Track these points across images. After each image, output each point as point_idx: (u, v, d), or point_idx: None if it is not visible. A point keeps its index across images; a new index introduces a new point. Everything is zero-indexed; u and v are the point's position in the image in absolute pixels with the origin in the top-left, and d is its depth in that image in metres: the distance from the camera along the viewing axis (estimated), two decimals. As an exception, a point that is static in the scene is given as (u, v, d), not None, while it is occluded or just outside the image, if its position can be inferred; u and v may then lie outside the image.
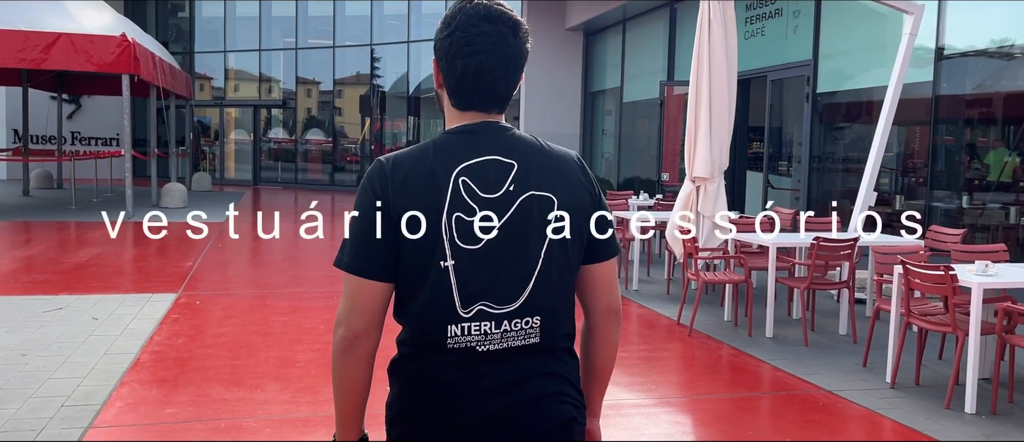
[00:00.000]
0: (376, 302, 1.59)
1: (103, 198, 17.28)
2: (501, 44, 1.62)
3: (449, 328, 1.58)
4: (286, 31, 24.20)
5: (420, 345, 1.62)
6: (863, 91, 9.98)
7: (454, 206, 1.57)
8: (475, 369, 1.60)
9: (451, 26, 1.63)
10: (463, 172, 1.59)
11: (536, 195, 1.61)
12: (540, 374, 1.64)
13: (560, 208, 1.63)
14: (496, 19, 1.62)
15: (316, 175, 24.37)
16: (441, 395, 1.60)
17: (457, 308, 1.58)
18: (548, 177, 1.63)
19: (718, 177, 7.31)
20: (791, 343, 6.15)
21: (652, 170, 16.45)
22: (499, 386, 1.60)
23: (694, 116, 7.29)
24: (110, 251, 9.98)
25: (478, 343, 1.59)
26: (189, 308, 6.88)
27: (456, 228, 1.57)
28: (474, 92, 1.64)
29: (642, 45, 16.16)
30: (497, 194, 1.59)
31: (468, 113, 1.66)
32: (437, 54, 1.66)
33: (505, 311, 1.60)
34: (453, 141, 1.63)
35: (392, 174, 1.59)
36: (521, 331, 1.61)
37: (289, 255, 10.41)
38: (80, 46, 13.16)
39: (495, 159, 1.61)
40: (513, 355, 1.62)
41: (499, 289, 1.59)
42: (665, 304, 7.55)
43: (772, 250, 6.27)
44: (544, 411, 1.62)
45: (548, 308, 1.63)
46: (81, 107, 24.46)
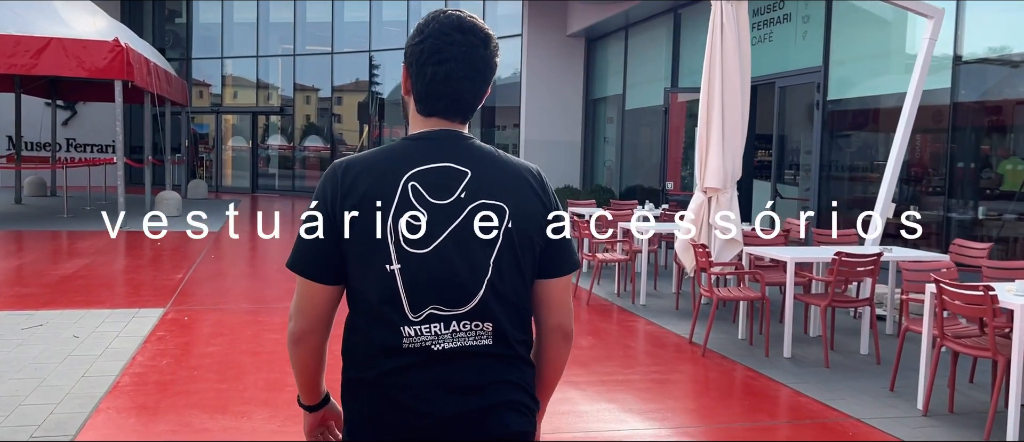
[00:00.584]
0: (321, 302, 1.64)
1: (96, 206, 16.95)
2: (471, 54, 1.65)
3: (403, 329, 1.59)
4: (284, 37, 23.91)
5: (372, 349, 1.62)
6: (875, 98, 9.67)
7: (401, 210, 1.58)
8: (432, 369, 1.60)
9: (424, 33, 1.66)
10: (413, 177, 1.61)
11: (487, 203, 1.63)
12: (499, 382, 1.64)
13: (511, 218, 1.64)
14: (468, 30, 1.65)
15: (314, 182, 24.07)
16: (396, 395, 1.60)
17: (406, 311, 1.59)
18: (501, 187, 1.65)
19: (731, 187, 7.00)
20: (811, 364, 5.82)
21: (655, 178, 16.14)
22: (457, 386, 1.61)
23: (706, 123, 6.98)
24: (99, 262, 9.65)
25: (432, 343, 1.60)
26: (176, 324, 6.55)
27: (404, 231, 1.58)
28: (440, 98, 1.66)
29: (645, 51, 15.86)
30: (447, 200, 1.61)
31: (431, 119, 1.69)
32: (407, 60, 1.69)
33: (455, 313, 1.60)
34: (409, 147, 1.66)
35: (342, 177, 1.61)
36: (471, 332, 1.62)
37: (281, 267, 10.07)
38: (72, 51, 12.86)
39: (449, 166, 1.63)
40: (469, 355, 1.62)
41: (448, 294, 1.60)
42: (675, 320, 7.22)
43: (790, 265, 5.95)
44: (502, 419, 1.63)
45: (499, 314, 1.63)
46: (76, 114, 24.15)
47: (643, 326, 7.04)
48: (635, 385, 5.23)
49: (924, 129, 8.71)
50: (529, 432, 1.70)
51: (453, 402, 1.60)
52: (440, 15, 1.67)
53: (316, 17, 23.52)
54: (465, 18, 1.67)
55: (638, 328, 6.96)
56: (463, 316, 1.61)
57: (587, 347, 6.17)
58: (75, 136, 24.26)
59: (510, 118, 19.87)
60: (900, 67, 9.29)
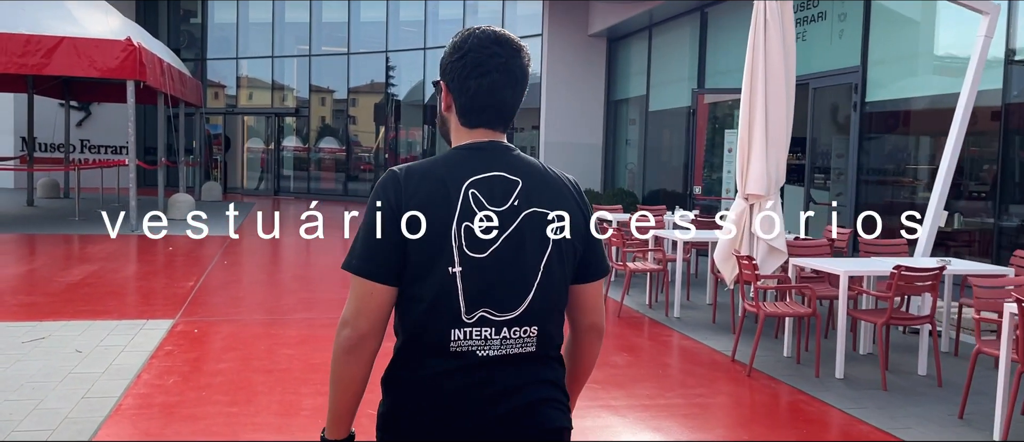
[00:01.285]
0: (383, 305, 1.66)
1: (108, 208, 16.67)
2: (510, 65, 1.73)
3: (452, 332, 1.65)
4: (300, 38, 23.60)
5: (422, 349, 1.67)
6: (917, 100, 9.20)
7: (464, 215, 1.65)
8: (475, 374, 1.66)
9: (463, 49, 1.72)
10: (473, 185, 1.67)
11: (538, 212, 1.71)
12: (536, 381, 1.71)
13: (559, 225, 1.72)
14: (504, 42, 1.73)
15: (330, 185, 23.73)
16: (441, 400, 1.65)
17: (461, 313, 1.65)
18: (549, 196, 1.73)
19: (774, 194, 6.57)
20: (866, 386, 5.38)
21: (678, 182, 15.70)
22: (498, 392, 1.67)
23: (747, 126, 6.55)
24: (107, 268, 9.31)
25: (478, 348, 1.66)
26: (186, 338, 6.19)
27: (465, 237, 1.65)
28: (485, 110, 1.73)
29: (670, 51, 15.42)
30: (503, 208, 1.68)
31: (477, 131, 1.75)
32: (446, 77, 1.75)
33: (506, 318, 1.67)
34: (463, 156, 1.72)
35: (405, 183, 1.67)
36: (519, 339, 1.68)
37: (299, 274, 9.72)
38: (83, 51, 12.56)
39: (501, 175, 1.71)
40: (511, 362, 1.69)
41: (501, 297, 1.66)
42: (712, 335, 6.79)
43: (843, 279, 5.51)
44: (540, 417, 1.70)
45: (545, 318, 1.71)
46: (91, 115, 23.94)
47: (679, 341, 6.61)
48: (678, 410, 4.81)
49: (973, 131, 8.24)
50: (568, 428, 1.77)
51: (494, 404, 1.67)
52: (476, 31, 1.74)
53: (332, 17, 23.20)
54: (499, 32, 1.75)
55: (675, 344, 6.54)
56: (513, 322, 1.68)
57: (623, 365, 5.76)
58: (89, 137, 24.05)
59: (529, 120, 19.47)
60: (944, 67, 8.82)
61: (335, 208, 19.51)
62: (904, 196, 9.57)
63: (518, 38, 1.77)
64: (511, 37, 1.75)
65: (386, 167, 22.87)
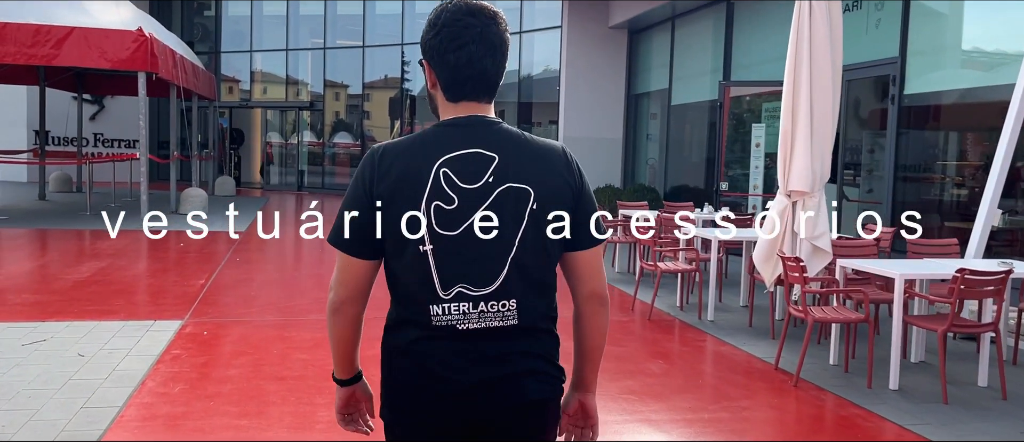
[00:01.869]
0: (358, 276, 1.76)
1: (120, 203, 16.42)
2: (486, 33, 1.74)
3: (432, 307, 1.71)
4: (315, 31, 23.29)
5: (407, 321, 1.76)
6: (961, 92, 8.76)
7: (433, 195, 1.69)
8: (457, 344, 1.72)
9: (437, 25, 1.75)
10: (445, 163, 1.70)
11: (514, 187, 1.72)
12: (519, 353, 1.75)
13: (536, 199, 1.72)
14: (477, 12, 1.74)
15: (345, 180, 23.42)
16: (425, 364, 1.73)
17: (437, 289, 1.70)
18: (528, 170, 1.73)
19: (819, 191, 6.18)
20: (924, 398, 4.98)
21: (702, 178, 15.28)
22: (479, 359, 1.72)
23: (791, 119, 6.16)
24: (116, 265, 9.01)
25: (458, 322, 1.72)
26: (194, 340, 5.86)
27: (435, 216, 1.69)
28: (466, 81, 1.75)
29: (694, 44, 14.99)
30: (477, 185, 1.70)
31: (461, 104, 1.78)
32: (427, 55, 1.78)
33: (482, 293, 1.71)
34: (441, 133, 1.75)
35: (379, 162, 1.72)
36: (498, 313, 1.72)
37: (313, 272, 9.39)
38: (94, 42, 12.27)
39: (478, 152, 1.72)
40: (493, 335, 1.73)
41: (475, 273, 1.70)
42: (751, 340, 6.40)
43: (899, 283, 5.10)
44: (521, 387, 1.74)
45: (523, 292, 1.73)
46: (104, 108, 23.73)
47: (716, 347, 6.23)
48: (723, 424, 4.43)
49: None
50: (549, 399, 1.79)
51: (476, 371, 1.71)
52: (448, 5, 1.74)
53: (347, 10, 22.88)
54: (471, 2, 1.74)
55: (712, 350, 6.15)
56: (490, 296, 1.71)
57: (659, 374, 5.38)
58: (103, 131, 23.84)
59: (547, 114, 19.09)
60: (988, 59, 8.38)
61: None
62: (945, 194, 9.14)
63: (492, 6, 1.77)
64: (484, 5, 1.76)
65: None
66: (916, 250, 6.49)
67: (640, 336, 6.48)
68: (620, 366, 5.51)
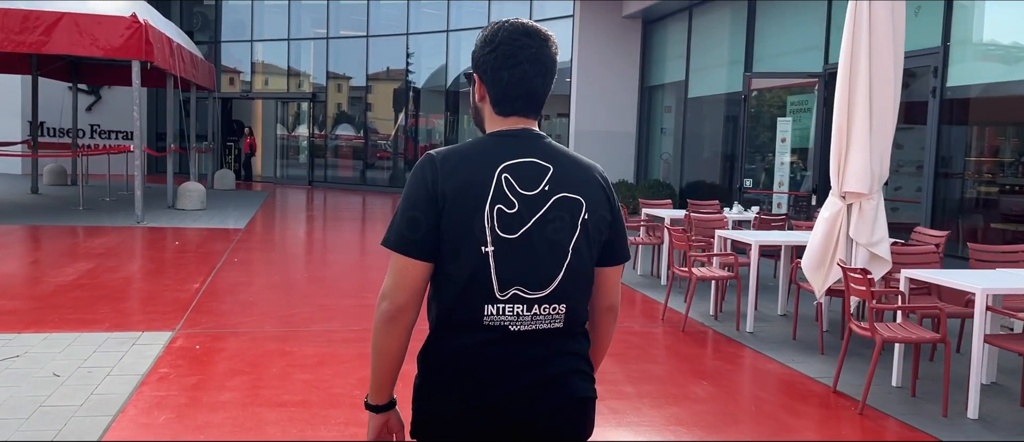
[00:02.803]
0: (418, 279, 1.76)
1: (115, 197, 15.83)
2: (540, 54, 1.81)
3: (486, 307, 1.74)
4: (317, 21, 22.64)
5: (456, 323, 1.76)
6: (1011, 85, 8.14)
7: (496, 198, 1.74)
8: (507, 348, 1.76)
9: (494, 42, 1.80)
10: (506, 169, 1.76)
11: (568, 196, 1.79)
12: (562, 353, 1.81)
13: (587, 210, 1.81)
14: (533, 33, 1.81)
15: (347, 173, 22.81)
16: (474, 371, 1.75)
17: (495, 290, 1.74)
18: (578, 182, 1.82)
19: (877, 192, 5.58)
20: (1009, 428, 4.39)
21: (719, 174, 14.69)
22: (527, 364, 1.77)
23: (846, 113, 5.56)
24: (105, 266, 8.42)
25: (511, 323, 1.75)
26: (185, 356, 5.27)
27: (498, 218, 1.73)
28: (517, 99, 1.82)
29: (713, 34, 14.37)
30: (534, 192, 1.77)
31: (510, 118, 1.84)
32: (479, 69, 1.84)
33: (536, 297, 1.76)
34: (497, 142, 1.81)
35: (442, 165, 1.75)
36: (548, 315, 1.78)
37: (316, 274, 8.80)
38: (85, 28, 11.65)
39: (533, 161, 1.79)
40: (541, 336, 1.79)
41: (532, 276, 1.75)
42: (799, 356, 5.81)
43: (981, 298, 4.51)
44: (566, 387, 1.80)
45: (573, 297, 1.81)
46: (101, 99, 23.12)
47: (763, 365, 5.63)
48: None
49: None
50: (592, 397, 1.87)
51: (525, 375, 1.76)
52: (506, 24, 1.81)
53: None
54: (528, 23, 1.82)
55: (759, 368, 5.55)
56: (543, 299, 1.77)
57: (707, 399, 4.78)
58: (100, 122, 23.25)
59: (556, 106, 18.47)
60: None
61: (351, 198, 18.61)
62: (993, 194, 8.54)
63: (545, 29, 1.83)
64: (539, 28, 1.82)
65: (405, 155, 21.97)
66: (982, 258, 5.89)
67: (677, 351, 5.89)
68: (662, 389, 4.92)
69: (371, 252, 10.61)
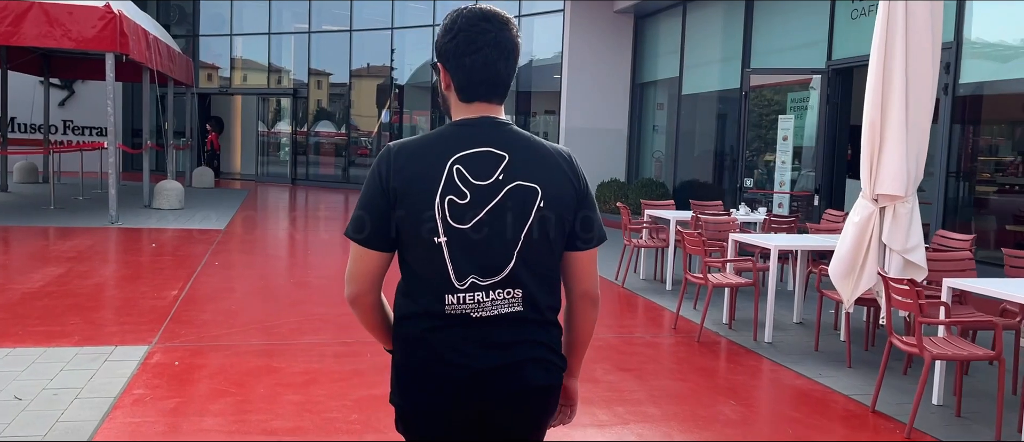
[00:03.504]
0: (373, 268, 1.82)
1: (89, 196, 15.22)
2: (500, 38, 1.82)
3: (446, 297, 1.78)
4: (298, 15, 22.04)
5: (421, 314, 1.80)
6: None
7: (447, 190, 1.76)
8: (468, 331, 1.79)
9: (454, 29, 1.82)
10: (458, 161, 1.78)
11: (522, 185, 1.80)
12: (526, 341, 1.83)
13: (543, 198, 1.80)
14: (491, 18, 1.82)
15: (328, 170, 22.25)
16: (438, 350, 1.79)
17: (452, 280, 1.77)
18: (535, 170, 1.81)
19: (912, 195, 5.20)
20: (1071, 456, 4.03)
21: (714, 172, 14.34)
22: (489, 345, 1.79)
23: (880, 109, 5.17)
24: (77, 271, 7.89)
25: (472, 310, 1.79)
26: (163, 373, 4.79)
27: (449, 209, 1.76)
28: (481, 84, 1.83)
29: (709, 29, 14.00)
30: (487, 181, 1.78)
31: (474, 105, 1.85)
32: (442, 58, 1.85)
33: (491, 282, 1.79)
34: (454, 133, 1.82)
35: (395, 158, 1.79)
36: (505, 300, 1.80)
37: (302, 280, 8.32)
38: (56, 18, 11.07)
39: (489, 151, 1.80)
40: (502, 321, 1.81)
41: (485, 263, 1.78)
42: (826, 369, 5.41)
43: (1038, 312, 4.14)
44: (528, 374, 1.83)
45: (528, 282, 1.81)
46: (74, 93, 22.41)
47: (791, 380, 5.23)
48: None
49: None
50: (553, 385, 1.88)
51: (486, 357, 1.79)
52: (463, 11, 1.82)
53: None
54: (486, 8, 1.83)
55: (787, 383, 5.16)
56: (497, 284, 1.79)
57: (736, 420, 4.37)
58: (73, 118, 22.51)
59: (546, 103, 18.06)
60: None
61: (334, 197, 18.09)
62: (1008, 193, 8.22)
63: (504, 12, 1.84)
64: (498, 12, 1.83)
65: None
66: (1017, 264, 5.54)
67: (697, 365, 5.48)
68: (689, 410, 4.51)
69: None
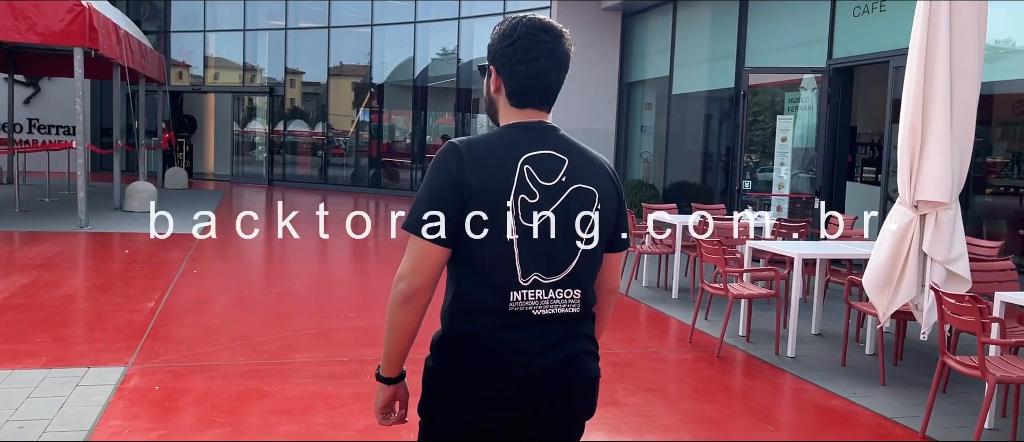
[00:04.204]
0: (436, 264, 1.82)
1: (56, 198, 14.56)
2: (556, 50, 1.89)
3: (511, 294, 1.81)
4: (274, 12, 21.42)
5: (481, 308, 1.83)
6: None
7: (520, 189, 1.81)
8: (529, 330, 1.84)
9: (513, 37, 1.88)
10: (527, 161, 1.83)
11: (582, 187, 1.89)
12: (575, 335, 1.91)
13: (599, 200, 1.90)
14: (549, 29, 1.90)
15: (306, 170, 21.67)
16: (497, 352, 1.82)
17: (518, 276, 1.82)
18: (591, 174, 1.91)
19: (956, 202, 4.85)
20: None
21: (706, 174, 14.03)
22: (547, 345, 1.85)
23: (921, 109, 4.82)
24: (43, 281, 7.34)
25: (533, 307, 1.84)
26: (142, 401, 4.31)
27: (520, 208, 1.81)
28: (533, 92, 1.89)
29: (701, 27, 13.68)
30: (552, 183, 1.85)
31: (525, 111, 1.91)
32: (497, 62, 1.91)
33: (552, 281, 1.85)
34: (516, 134, 1.88)
35: (468, 156, 1.81)
36: (564, 300, 1.87)
37: (288, 289, 7.82)
38: (20, 12, 10.47)
39: (551, 153, 1.87)
40: (558, 320, 1.87)
41: (549, 262, 1.84)
42: (858, 388, 5.05)
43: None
44: (579, 366, 1.90)
45: (586, 282, 1.91)
46: (40, 91, 21.64)
47: (825, 401, 4.86)
48: None
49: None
50: (598, 376, 1.97)
51: (545, 356, 1.84)
52: (524, 20, 1.89)
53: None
54: (545, 20, 1.91)
55: (823, 405, 4.78)
56: (558, 284, 1.85)
57: None
58: (39, 116, 21.75)
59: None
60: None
61: (313, 198, 17.54)
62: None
63: (560, 25, 1.91)
64: (555, 24, 1.90)
65: (368, 153, 20.90)
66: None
67: (723, 384, 5.10)
68: (727, 437, 4.11)
69: (347, 262, 9.66)
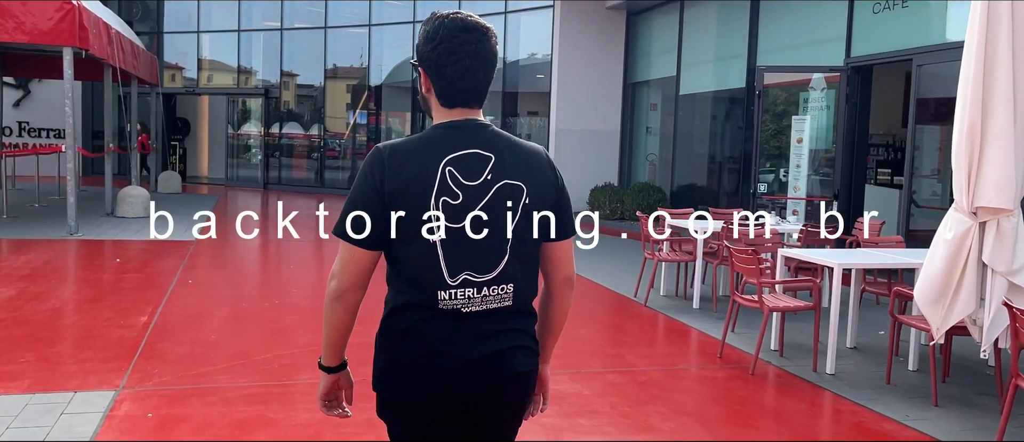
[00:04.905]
0: (363, 266, 1.90)
1: (46, 203, 14.12)
2: (480, 49, 1.92)
3: (439, 293, 1.87)
4: (270, 13, 21.01)
5: (413, 306, 1.89)
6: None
7: (441, 191, 1.85)
8: (459, 324, 1.90)
9: (436, 39, 1.91)
10: (449, 162, 1.87)
11: (509, 183, 1.91)
12: (509, 329, 1.95)
13: (528, 195, 1.93)
14: (472, 28, 1.92)
15: (302, 174, 21.26)
16: (428, 341, 1.89)
17: (445, 277, 1.87)
18: (519, 169, 1.93)
19: (1019, 208, 4.49)
20: None
21: (715, 176, 13.68)
22: (477, 336, 1.91)
23: (980, 110, 4.47)
24: (29, 292, 6.94)
25: (463, 305, 1.89)
26: (134, 429, 3.91)
27: (443, 209, 1.85)
28: (461, 91, 1.93)
29: (710, 26, 13.33)
30: (477, 182, 1.89)
31: (455, 110, 1.95)
32: (424, 64, 1.95)
33: (485, 279, 1.89)
34: (441, 135, 1.92)
35: (389, 160, 1.87)
36: (497, 296, 1.91)
37: (289, 301, 7.42)
38: (7, 10, 10.05)
39: (476, 152, 1.90)
40: (490, 314, 1.92)
41: (479, 261, 1.88)
42: (910, 410, 4.68)
43: None
44: (511, 360, 1.94)
45: (519, 277, 1.94)
46: (30, 93, 21.20)
47: (878, 424, 4.48)
48: None
49: None
50: (533, 370, 2.01)
51: (475, 347, 1.90)
52: (445, 20, 1.91)
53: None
54: (466, 19, 1.91)
55: (878, 429, 4.40)
56: (491, 281, 1.90)
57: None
58: (28, 119, 21.32)
59: (533, 104, 17.29)
60: None
61: (310, 202, 17.13)
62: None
63: (484, 22, 1.93)
64: (478, 22, 1.92)
65: (365, 155, 20.47)
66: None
67: (763, 406, 4.72)
68: (781, 472, 3.74)
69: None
